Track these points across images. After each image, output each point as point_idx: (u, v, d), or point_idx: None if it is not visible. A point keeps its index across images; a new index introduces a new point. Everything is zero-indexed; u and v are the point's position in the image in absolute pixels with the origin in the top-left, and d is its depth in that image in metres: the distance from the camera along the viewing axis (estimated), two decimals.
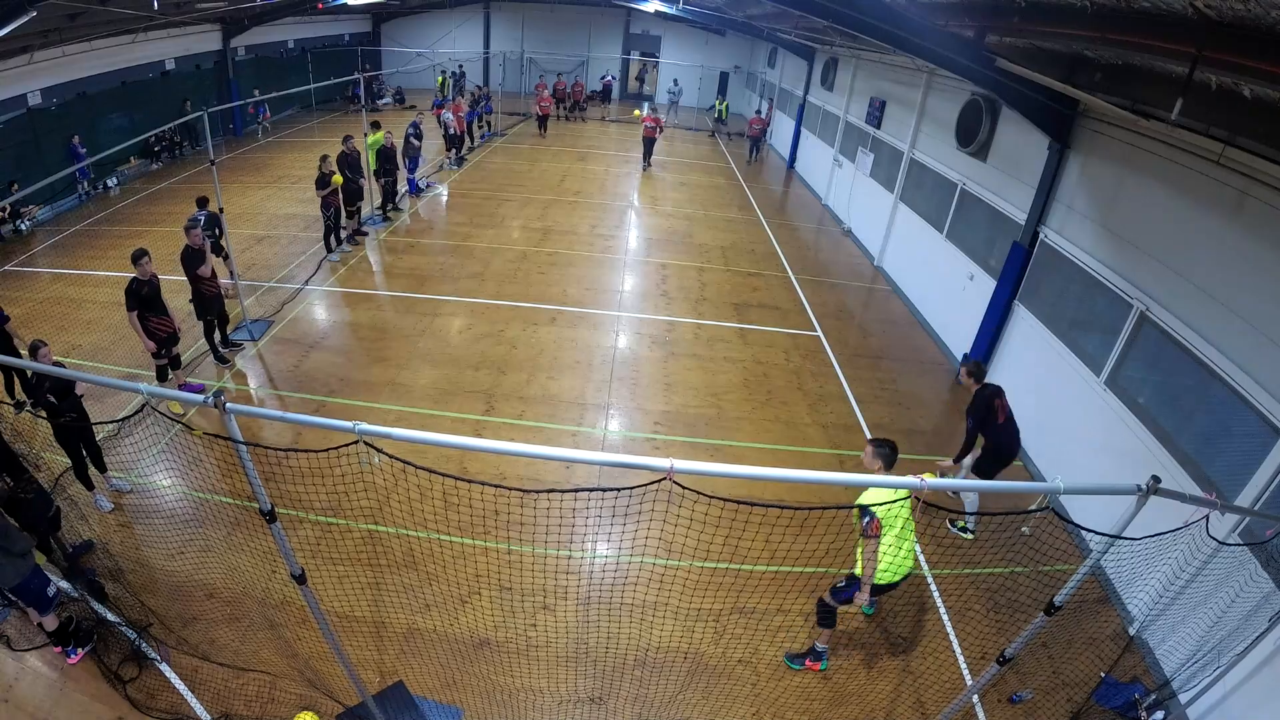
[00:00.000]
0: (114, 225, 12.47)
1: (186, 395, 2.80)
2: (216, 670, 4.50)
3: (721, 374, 8.65)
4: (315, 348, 8.59)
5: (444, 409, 7.48)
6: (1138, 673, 5.01)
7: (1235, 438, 4.89)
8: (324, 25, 25.11)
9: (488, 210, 14.48)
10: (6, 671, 4.42)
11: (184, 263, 7.32)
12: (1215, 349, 5.08)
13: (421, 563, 5.18)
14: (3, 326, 6.74)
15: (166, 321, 6.89)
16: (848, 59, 15.86)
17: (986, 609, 5.45)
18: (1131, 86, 5.85)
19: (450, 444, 2.45)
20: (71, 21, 11.78)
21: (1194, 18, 4.06)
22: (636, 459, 2.42)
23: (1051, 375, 7.16)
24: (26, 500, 4.68)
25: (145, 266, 6.58)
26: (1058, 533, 5.81)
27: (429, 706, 4.36)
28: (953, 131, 9.86)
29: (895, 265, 12.40)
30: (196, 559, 5.24)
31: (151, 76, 16.41)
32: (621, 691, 4.54)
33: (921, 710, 4.65)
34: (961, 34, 7.11)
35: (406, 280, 10.76)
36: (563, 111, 26.89)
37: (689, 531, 3.36)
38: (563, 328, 9.53)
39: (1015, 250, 7.92)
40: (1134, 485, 2.40)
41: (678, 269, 12.04)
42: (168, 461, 6.44)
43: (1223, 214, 5.16)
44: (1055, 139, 7.22)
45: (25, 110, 12.60)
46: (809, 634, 4.97)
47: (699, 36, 30.33)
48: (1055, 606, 2.81)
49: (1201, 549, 3.95)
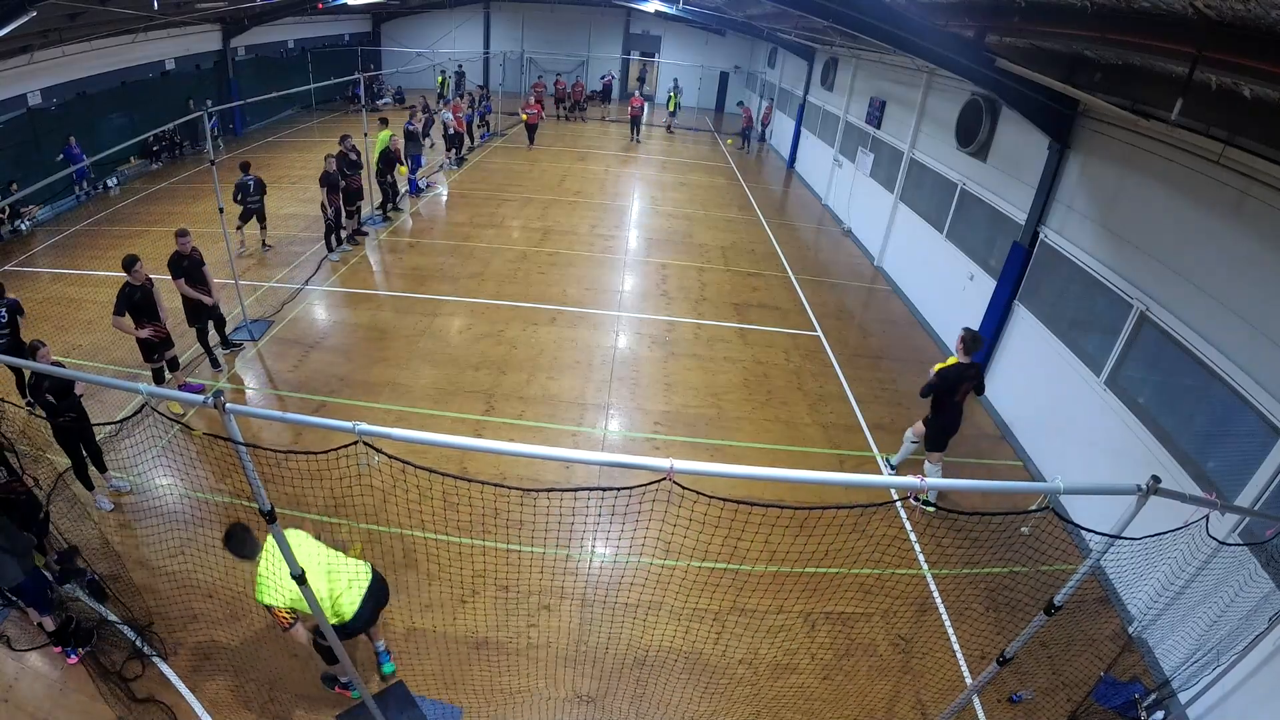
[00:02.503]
0: (114, 225, 12.47)
1: (186, 396, 2.80)
2: (216, 670, 4.50)
3: (721, 374, 8.65)
4: (315, 348, 8.59)
5: (444, 409, 7.48)
6: (1137, 672, 5.01)
7: (1235, 438, 4.89)
8: (324, 25, 25.10)
9: (488, 210, 14.48)
10: (6, 671, 4.42)
11: (171, 270, 7.20)
12: (1215, 349, 5.08)
13: (421, 562, 5.18)
14: (15, 318, 6.80)
15: (160, 327, 6.86)
16: (848, 59, 15.86)
17: (986, 609, 5.45)
18: (1131, 86, 5.85)
19: (450, 444, 2.45)
20: (71, 21, 11.78)
21: (1194, 18, 4.06)
22: (636, 459, 2.42)
23: (1051, 375, 7.16)
24: (18, 501, 4.69)
25: (139, 272, 6.56)
26: (1058, 533, 5.81)
27: (429, 706, 4.36)
28: (953, 131, 9.85)
29: (895, 265, 12.40)
30: (196, 559, 5.23)
31: (151, 76, 16.41)
32: (621, 691, 4.54)
33: (921, 710, 4.64)
34: (961, 34, 7.11)
35: (406, 280, 10.76)
36: (563, 111, 26.91)
37: (689, 532, 3.36)
38: (563, 328, 9.52)
39: (1015, 250, 7.92)
40: (1134, 485, 2.40)
41: (678, 269, 12.04)
42: (168, 462, 6.44)
43: (1223, 214, 5.16)
44: (1055, 139, 7.21)
45: (25, 110, 12.60)
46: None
47: (699, 36, 30.33)
48: (1055, 606, 2.81)
49: (1201, 549, 3.95)
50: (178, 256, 7.22)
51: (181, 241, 7.20)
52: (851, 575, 5.56)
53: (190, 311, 7.50)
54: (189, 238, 7.27)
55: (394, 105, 26.36)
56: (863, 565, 5.64)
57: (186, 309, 7.49)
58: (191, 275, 7.31)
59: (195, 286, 7.36)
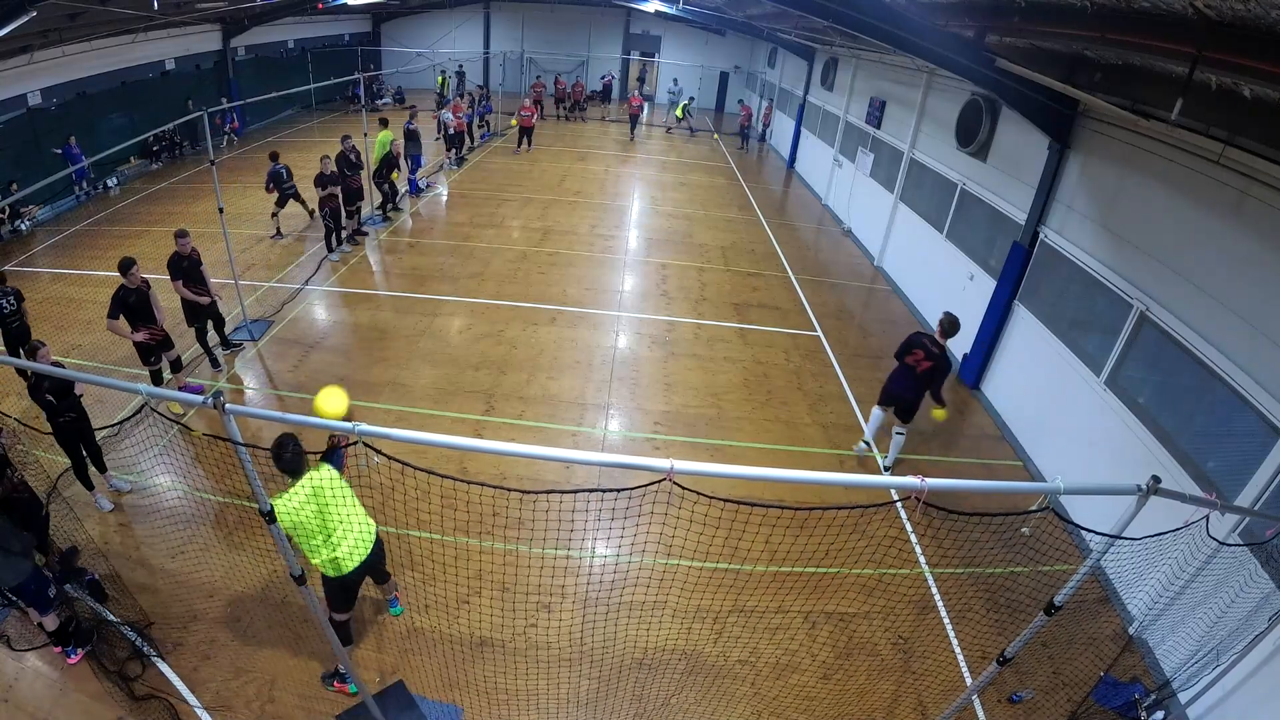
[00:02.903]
0: (114, 225, 12.47)
1: (186, 396, 2.80)
2: (216, 670, 4.50)
3: (721, 374, 8.65)
4: (315, 348, 8.59)
5: (444, 409, 7.48)
6: (1138, 672, 5.01)
7: (1235, 438, 4.89)
8: (324, 25, 25.10)
9: (488, 210, 14.48)
10: (6, 671, 4.43)
11: (170, 270, 7.19)
12: (1215, 349, 5.08)
13: (421, 563, 5.18)
14: (19, 306, 6.85)
15: (155, 330, 6.85)
16: (848, 59, 15.86)
17: (986, 609, 5.45)
18: (1131, 86, 5.85)
19: (450, 444, 2.44)
20: (71, 21, 11.78)
21: (1194, 18, 4.06)
22: (636, 459, 2.42)
23: (1051, 375, 7.16)
24: (20, 500, 4.69)
25: (135, 275, 6.55)
26: (1058, 533, 5.81)
27: (429, 706, 4.36)
28: (953, 131, 9.85)
29: (895, 265, 12.40)
30: (196, 559, 5.25)
31: (151, 76, 16.40)
32: (621, 691, 4.54)
33: (922, 710, 4.64)
34: (961, 34, 7.11)
35: (406, 280, 10.75)
36: (563, 111, 26.88)
37: (689, 532, 3.36)
38: (563, 328, 9.52)
39: (1015, 250, 7.92)
40: (1134, 485, 2.40)
41: (678, 269, 12.04)
42: (167, 462, 6.44)
43: (1223, 214, 5.16)
44: (1055, 139, 7.21)
45: (25, 110, 12.60)
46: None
47: (699, 36, 30.32)
48: (1055, 606, 2.81)
49: (1201, 549, 3.95)
50: (177, 257, 7.23)
51: (181, 242, 7.20)
52: (852, 575, 5.56)
53: (189, 312, 7.50)
54: (188, 238, 7.27)
55: (394, 105, 26.36)
56: (863, 565, 5.64)
57: (185, 309, 7.49)
58: (190, 275, 7.31)
59: (194, 286, 7.36)
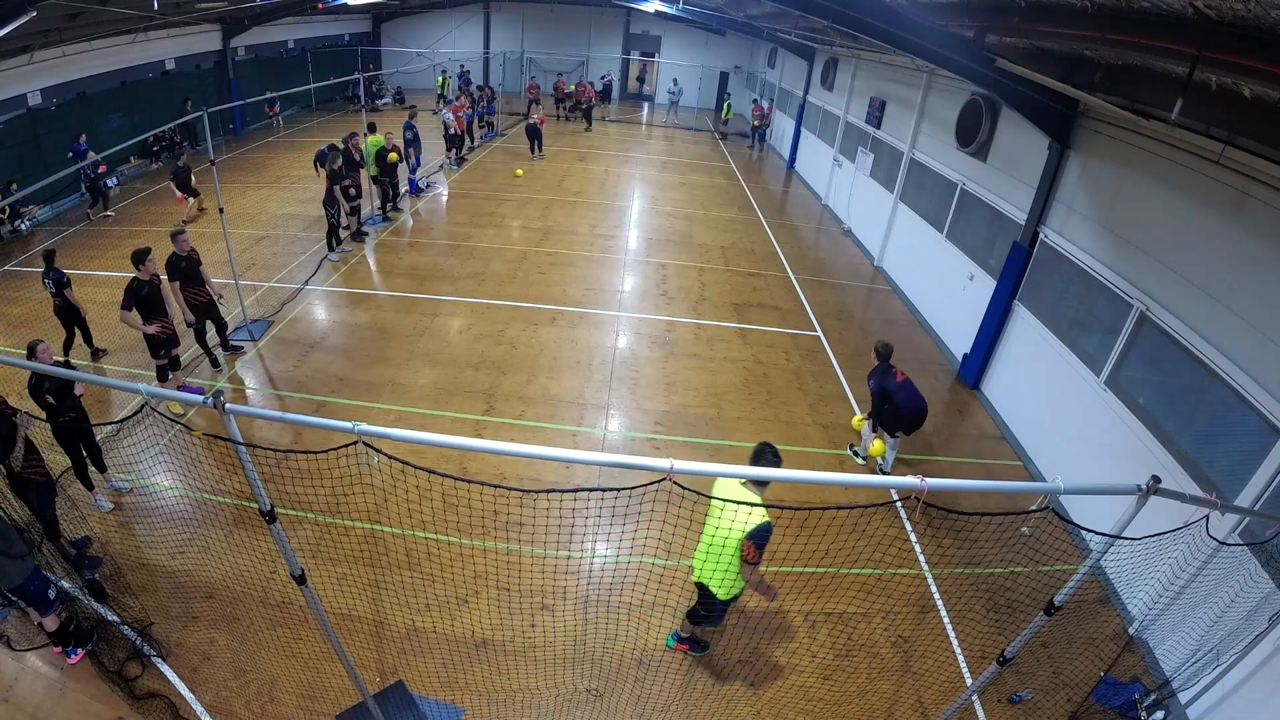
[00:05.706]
0: (114, 225, 12.47)
1: (186, 396, 2.80)
2: (216, 670, 4.50)
3: (721, 374, 8.65)
4: (315, 348, 8.59)
5: (444, 409, 7.48)
6: (1137, 672, 5.01)
7: (1235, 438, 4.89)
8: (324, 25, 25.08)
9: (488, 210, 14.48)
10: (6, 671, 4.42)
11: (168, 271, 7.10)
12: (1215, 349, 5.08)
13: (421, 563, 5.18)
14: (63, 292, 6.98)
15: (166, 323, 6.88)
16: (848, 59, 15.86)
17: (986, 609, 5.45)
18: (1131, 86, 5.84)
19: (450, 444, 2.44)
20: (71, 21, 11.77)
21: (1194, 18, 4.06)
22: (636, 459, 2.42)
23: (1051, 375, 7.16)
24: (36, 482, 4.70)
25: (148, 267, 6.57)
26: (1058, 533, 5.81)
27: (429, 706, 4.36)
28: (953, 131, 9.85)
29: (895, 265, 12.40)
30: (196, 559, 5.25)
31: (151, 76, 16.40)
32: (621, 691, 4.54)
33: (922, 710, 4.65)
34: (961, 34, 7.11)
35: (406, 280, 10.75)
36: (562, 112, 26.37)
37: (689, 531, 3.36)
38: (563, 328, 9.52)
39: (1015, 250, 7.92)
40: (1134, 485, 2.40)
41: (678, 269, 12.04)
42: (167, 462, 6.44)
43: (1222, 214, 5.16)
44: (1055, 139, 7.21)
45: (25, 110, 12.59)
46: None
47: (699, 36, 30.31)
48: (1055, 606, 2.81)
49: (1201, 549, 3.95)
50: (175, 257, 7.22)
51: (179, 241, 7.19)
52: (851, 575, 5.56)
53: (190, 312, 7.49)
54: (186, 236, 7.27)
55: (394, 105, 26.35)
56: (863, 565, 5.64)
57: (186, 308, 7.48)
58: (189, 275, 7.30)
59: (194, 287, 7.35)
